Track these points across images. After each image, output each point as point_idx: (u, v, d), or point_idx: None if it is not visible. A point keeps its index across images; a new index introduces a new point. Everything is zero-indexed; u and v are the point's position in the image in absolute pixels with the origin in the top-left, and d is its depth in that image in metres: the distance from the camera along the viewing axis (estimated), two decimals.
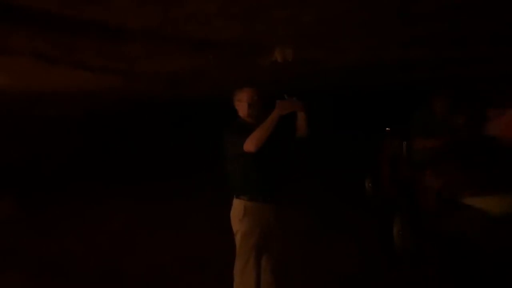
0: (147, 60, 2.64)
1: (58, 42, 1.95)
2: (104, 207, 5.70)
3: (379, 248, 3.78)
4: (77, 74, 2.87)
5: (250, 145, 2.28)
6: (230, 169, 2.51)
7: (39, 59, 2.20)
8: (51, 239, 4.48)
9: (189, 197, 6.01)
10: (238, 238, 2.48)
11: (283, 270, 2.67)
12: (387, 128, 5.34)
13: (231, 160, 2.47)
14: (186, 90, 5.27)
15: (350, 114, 8.97)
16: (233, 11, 1.74)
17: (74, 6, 1.54)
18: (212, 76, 3.76)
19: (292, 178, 6.76)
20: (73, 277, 3.52)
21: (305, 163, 8.05)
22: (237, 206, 2.48)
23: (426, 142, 3.42)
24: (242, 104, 2.48)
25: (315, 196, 5.75)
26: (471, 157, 1.40)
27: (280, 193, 2.55)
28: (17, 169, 6.26)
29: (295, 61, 2.76)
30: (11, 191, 5.68)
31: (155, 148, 8.64)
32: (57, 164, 6.96)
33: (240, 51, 2.64)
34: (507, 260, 1.29)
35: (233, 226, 2.52)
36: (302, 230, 4.40)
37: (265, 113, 2.49)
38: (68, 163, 7.20)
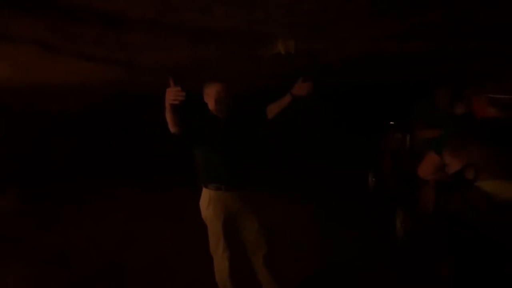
0: (147, 50, 2.63)
1: (59, 30, 1.94)
2: (105, 200, 5.73)
3: (382, 240, 3.79)
4: (79, 64, 2.87)
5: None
6: (196, 160, 2.63)
7: (40, 47, 2.20)
8: (53, 231, 4.52)
9: (190, 190, 6.01)
10: (208, 224, 2.64)
11: (280, 262, 2.75)
12: (391, 122, 5.34)
13: (195, 150, 2.59)
14: (187, 84, 5.25)
15: (353, 108, 8.95)
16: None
17: None
18: (213, 68, 3.74)
19: (295, 170, 6.77)
20: (74, 269, 3.55)
21: (307, 156, 8.06)
22: (204, 195, 2.63)
23: (428, 133, 3.41)
24: (209, 98, 2.54)
25: (319, 190, 5.75)
26: (495, 139, 1.37)
27: (246, 182, 2.62)
28: (20, 163, 6.29)
29: (296, 53, 2.75)
30: (14, 185, 5.72)
31: (156, 141, 8.63)
32: (59, 158, 6.99)
33: (241, 42, 2.63)
34: (507, 245, 1.28)
35: (202, 213, 2.67)
36: (306, 224, 4.41)
37: (236, 107, 2.55)
38: (70, 156, 7.22)
